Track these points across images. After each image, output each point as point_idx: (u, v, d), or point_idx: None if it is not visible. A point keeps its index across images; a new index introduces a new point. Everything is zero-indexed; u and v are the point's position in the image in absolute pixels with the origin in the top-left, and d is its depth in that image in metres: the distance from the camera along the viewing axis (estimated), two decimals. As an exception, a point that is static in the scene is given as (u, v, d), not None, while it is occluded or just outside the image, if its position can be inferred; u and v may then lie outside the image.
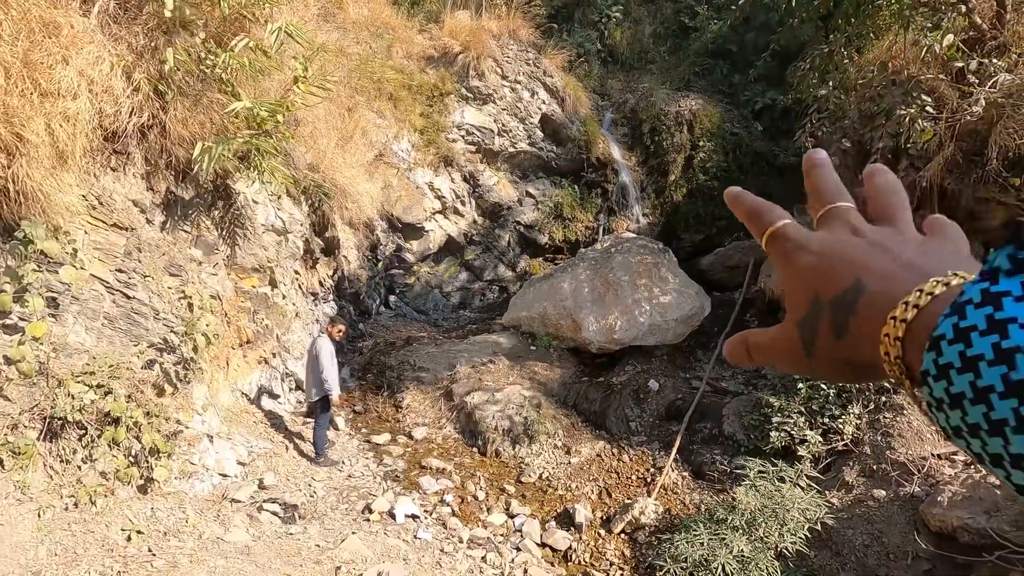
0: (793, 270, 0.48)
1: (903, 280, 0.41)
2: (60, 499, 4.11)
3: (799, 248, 0.48)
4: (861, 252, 0.45)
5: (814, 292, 0.45)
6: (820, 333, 0.44)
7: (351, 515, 5.60)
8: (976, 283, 0.34)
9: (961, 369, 0.32)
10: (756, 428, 6.90)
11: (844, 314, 0.42)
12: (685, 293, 9.11)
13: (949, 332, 0.34)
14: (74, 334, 4.76)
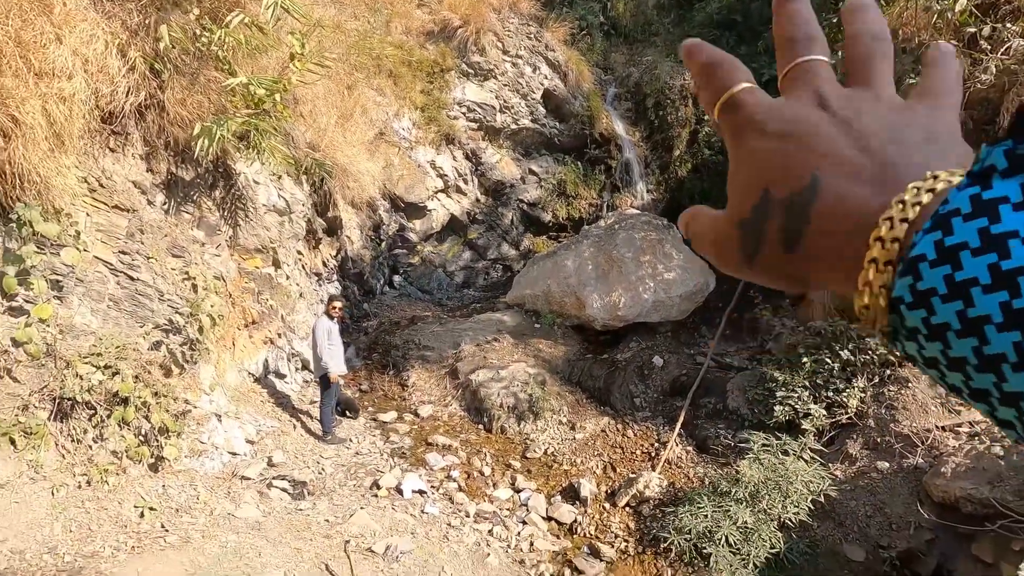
0: (742, 153, 0.39)
1: (871, 181, 0.33)
2: (73, 477, 4.18)
3: (752, 124, 0.39)
4: (823, 134, 0.36)
5: (763, 186, 0.36)
6: (766, 239, 0.36)
7: (359, 491, 5.68)
8: (963, 188, 0.28)
9: (946, 296, 0.27)
10: (760, 403, 6.92)
11: (797, 222, 0.35)
12: (689, 269, 9.06)
13: (930, 252, 0.28)
14: (80, 316, 4.79)
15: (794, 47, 0.41)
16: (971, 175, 0.28)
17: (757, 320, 8.31)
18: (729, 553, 5.00)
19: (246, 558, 4.08)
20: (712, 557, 4.97)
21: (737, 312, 8.93)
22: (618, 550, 5.57)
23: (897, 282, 0.29)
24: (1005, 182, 0.26)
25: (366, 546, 4.54)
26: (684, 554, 5.23)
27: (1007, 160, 0.27)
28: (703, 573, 5.08)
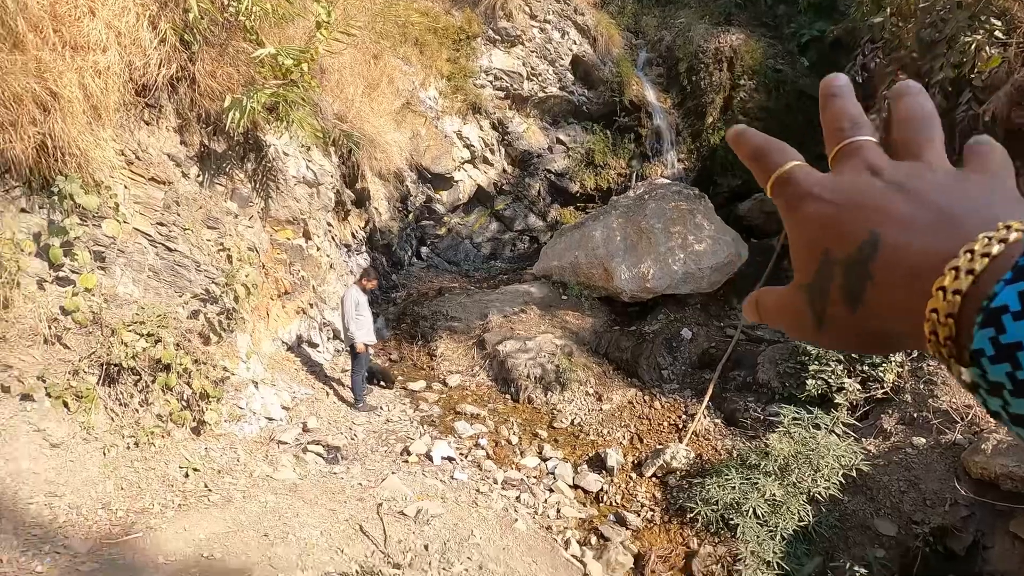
0: (799, 221, 0.39)
1: (933, 231, 0.33)
2: (122, 439, 4.40)
3: (807, 194, 0.39)
4: (877, 195, 0.36)
5: (823, 249, 0.37)
6: (831, 300, 0.36)
7: (390, 457, 5.84)
8: None
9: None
10: (792, 376, 6.81)
11: (858, 278, 0.34)
12: (721, 240, 8.86)
13: (1014, 303, 0.26)
14: (123, 286, 4.96)
15: (842, 132, 0.42)
16: None
17: (790, 292, 8.11)
18: (756, 524, 5.00)
19: (284, 517, 4.26)
20: (739, 528, 4.98)
21: (770, 284, 8.72)
22: (644, 519, 5.63)
23: (977, 334, 0.28)
24: None
25: (398, 509, 4.69)
26: (710, 524, 5.26)
27: None
28: (729, 543, 5.11)
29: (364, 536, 4.23)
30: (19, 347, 4.14)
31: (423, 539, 4.25)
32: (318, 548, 3.95)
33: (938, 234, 0.32)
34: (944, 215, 0.33)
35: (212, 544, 3.76)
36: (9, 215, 4.39)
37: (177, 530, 3.85)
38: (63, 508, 3.72)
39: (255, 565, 3.61)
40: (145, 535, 3.73)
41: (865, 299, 0.34)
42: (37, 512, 3.59)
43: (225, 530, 3.96)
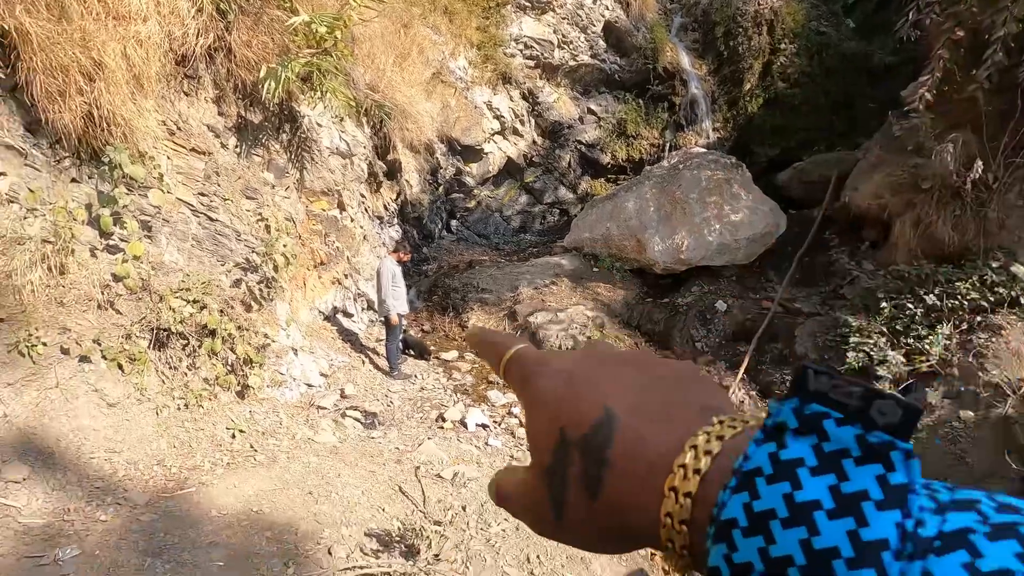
0: (532, 396, 0.37)
1: (660, 420, 0.32)
2: (172, 400, 4.59)
3: (539, 370, 0.38)
4: (607, 372, 0.35)
5: (559, 427, 0.34)
6: (570, 489, 0.33)
7: (426, 423, 5.96)
8: (761, 444, 0.27)
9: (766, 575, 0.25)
10: (831, 348, 6.66)
11: (596, 465, 0.32)
12: (758, 211, 8.63)
13: (741, 517, 0.26)
14: (168, 254, 5.11)
15: (497, 347, 0.43)
16: (765, 430, 0.27)
17: (831, 264, 7.87)
18: (793, 495, 4.96)
19: (327, 477, 4.40)
20: (775, 498, 4.95)
21: (809, 256, 8.49)
22: (677, 488, 5.64)
23: (712, 550, 0.27)
24: (798, 442, 0.26)
25: (435, 472, 4.79)
26: (745, 494, 5.23)
27: (796, 419, 0.26)
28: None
29: (403, 496, 4.35)
30: (75, 311, 4.32)
31: (461, 500, 4.35)
32: (360, 506, 4.08)
33: (665, 423, 0.32)
34: (666, 402, 0.33)
35: (260, 500, 3.91)
36: (61, 185, 4.54)
37: (227, 486, 4.02)
38: (121, 463, 3.92)
39: (301, 520, 3.76)
40: (198, 490, 3.91)
41: (604, 489, 0.32)
42: (98, 466, 3.79)
43: (272, 487, 4.11)
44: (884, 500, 0.24)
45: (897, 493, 0.24)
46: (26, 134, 4.36)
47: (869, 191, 7.67)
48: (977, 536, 0.22)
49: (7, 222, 4.19)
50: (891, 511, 0.23)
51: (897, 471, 0.24)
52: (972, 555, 0.22)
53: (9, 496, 3.29)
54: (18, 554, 2.94)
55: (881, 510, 0.24)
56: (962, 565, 0.22)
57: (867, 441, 0.25)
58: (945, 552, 0.22)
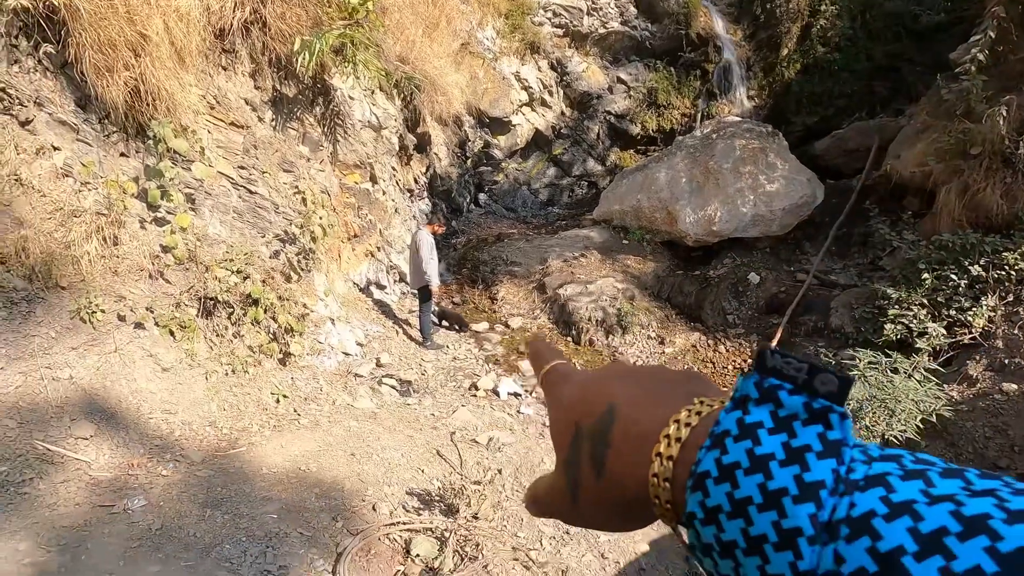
0: (555, 402, 0.45)
1: (652, 405, 0.38)
2: (220, 366, 4.80)
3: (564, 381, 0.46)
4: (614, 377, 0.43)
5: (575, 424, 0.41)
6: (583, 471, 0.40)
7: (459, 391, 6.10)
8: (729, 412, 0.32)
9: (731, 514, 0.30)
10: (868, 321, 6.54)
11: (601, 445, 0.39)
12: (795, 180, 8.41)
13: (713, 469, 0.31)
14: (212, 226, 5.28)
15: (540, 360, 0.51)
16: (734, 401, 0.33)
17: (870, 235, 7.67)
18: (826, 465, 4.95)
19: (367, 440, 4.58)
20: (808, 467, 4.95)
21: (847, 227, 8.28)
22: (708, 457, 5.68)
23: (689, 498, 0.32)
24: (759, 408, 0.31)
25: (470, 437, 4.94)
26: (777, 464, 5.25)
27: (757, 391, 0.32)
28: (796, 482, 5.10)
29: (441, 459, 4.50)
30: (129, 280, 4.52)
31: (496, 463, 4.48)
32: (400, 467, 4.24)
33: (655, 407, 0.38)
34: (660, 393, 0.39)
35: (307, 459, 4.10)
36: (111, 159, 4.71)
37: (275, 447, 4.22)
38: (177, 424, 4.14)
39: (346, 479, 3.93)
40: (248, 450, 4.12)
41: (607, 466, 0.38)
42: (156, 426, 4.01)
43: (316, 449, 4.31)
44: (823, 451, 0.29)
45: (834, 446, 0.30)
46: (77, 109, 4.52)
47: (913, 158, 7.40)
48: (892, 477, 0.28)
49: (63, 195, 4.39)
50: (828, 460, 0.29)
51: (835, 429, 0.30)
52: (887, 490, 0.27)
53: (79, 451, 3.53)
54: (92, 503, 3.17)
55: (820, 459, 0.29)
56: (879, 498, 0.27)
57: (811, 406, 0.31)
58: (867, 489, 0.28)
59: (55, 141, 4.42)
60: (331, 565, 3.00)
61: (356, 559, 3.04)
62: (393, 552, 3.24)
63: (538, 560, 3.08)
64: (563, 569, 3.06)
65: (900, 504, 0.26)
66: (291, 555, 2.99)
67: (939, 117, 7.13)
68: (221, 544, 2.97)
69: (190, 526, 3.10)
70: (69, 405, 3.73)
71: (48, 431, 3.51)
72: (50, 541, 2.75)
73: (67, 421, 3.62)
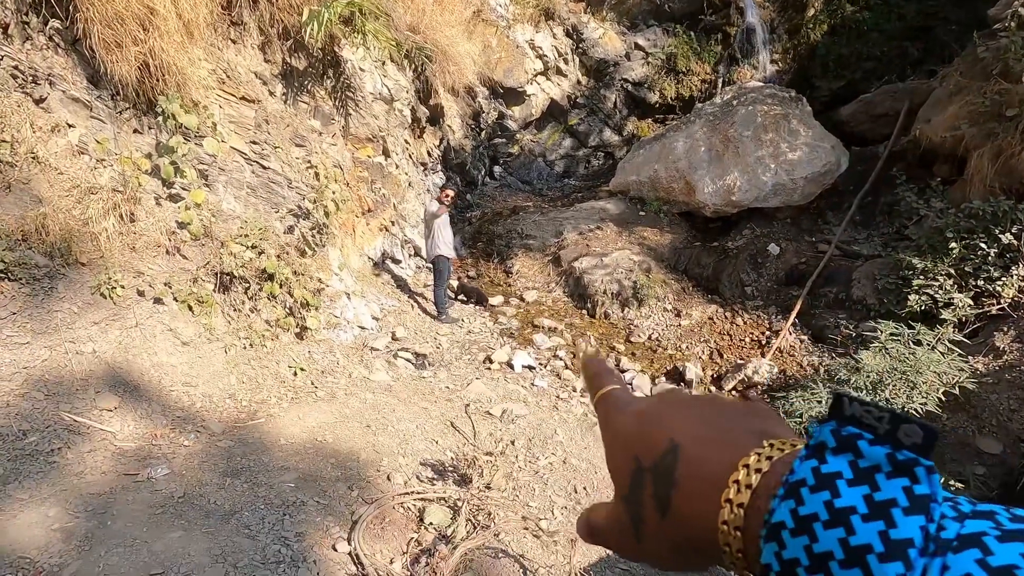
0: (612, 431, 0.43)
1: (718, 445, 0.37)
2: (239, 340, 4.89)
3: (619, 409, 0.44)
4: (674, 410, 0.41)
5: (634, 458, 0.40)
6: (646, 509, 0.38)
7: (473, 364, 6.14)
8: (804, 460, 0.31)
9: (810, 568, 0.29)
10: (891, 292, 6.38)
11: (665, 486, 0.37)
12: (819, 148, 8.14)
13: (789, 520, 0.30)
14: (226, 202, 5.31)
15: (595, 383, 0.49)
16: (808, 448, 0.31)
17: (896, 203, 7.42)
18: (843, 437, 4.90)
19: (383, 412, 4.65)
20: (824, 440, 4.90)
21: (872, 195, 8.02)
22: (723, 429, 5.66)
23: (764, 548, 0.31)
24: (836, 458, 0.30)
25: (484, 409, 4.98)
26: (793, 436, 5.20)
27: (834, 439, 0.30)
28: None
29: (455, 431, 4.56)
30: (147, 256, 4.60)
31: (510, 435, 4.52)
32: (415, 438, 4.31)
33: (721, 447, 0.36)
34: (723, 430, 0.37)
35: (324, 430, 4.19)
36: (124, 136, 4.74)
37: (292, 418, 4.32)
38: (198, 396, 4.25)
39: (361, 449, 4.01)
40: (267, 421, 4.22)
41: (673, 506, 0.36)
42: (177, 398, 4.12)
43: (333, 420, 4.39)
44: (910, 507, 0.28)
45: (921, 501, 0.28)
46: (89, 86, 4.54)
47: (944, 122, 7.09)
48: (989, 538, 0.26)
49: (80, 172, 4.45)
50: (916, 516, 0.27)
51: (921, 483, 0.28)
52: (984, 552, 0.25)
53: (104, 422, 3.64)
54: (117, 472, 3.28)
55: (908, 515, 0.27)
56: (975, 560, 0.25)
57: (895, 458, 0.29)
58: (961, 550, 0.26)
59: (69, 119, 4.46)
60: (347, 532, 3.08)
61: (371, 527, 3.12)
62: (407, 520, 3.31)
63: (548, 529, 3.13)
64: (573, 538, 3.11)
65: (1000, 570, 0.25)
66: (307, 522, 3.08)
67: (974, 78, 6.79)
68: (240, 511, 3.06)
69: (211, 494, 3.20)
70: (93, 378, 3.84)
71: (74, 403, 3.62)
72: (77, 508, 2.87)
73: (92, 393, 3.74)
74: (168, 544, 2.68)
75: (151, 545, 2.65)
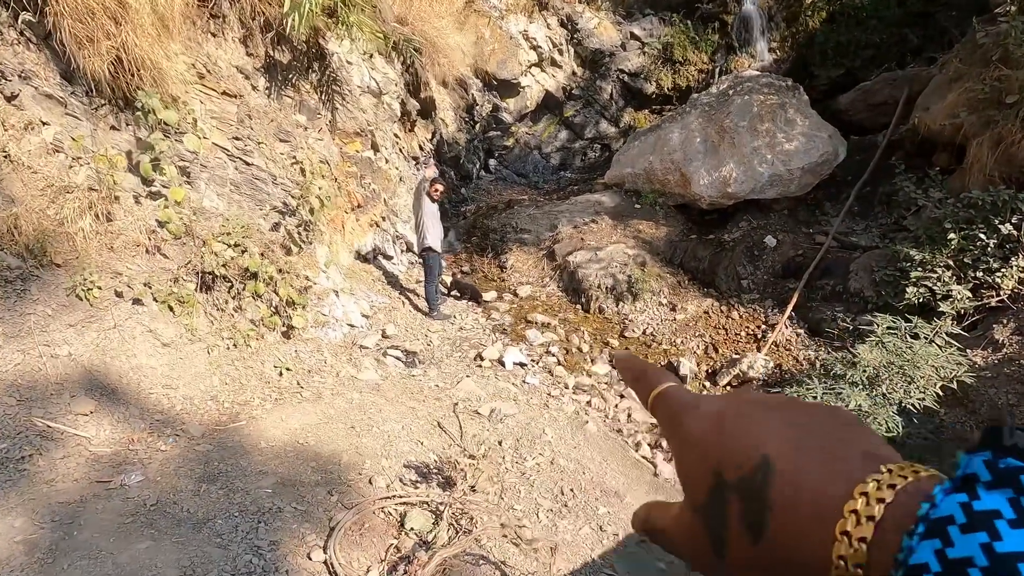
0: (683, 436, 0.38)
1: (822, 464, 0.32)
2: (222, 340, 4.80)
3: (689, 409, 0.39)
4: (760, 415, 0.36)
5: (712, 468, 0.35)
6: (731, 528, 0.34)
7: (464, 362, 6.06)
8: (950, 492, 0.26)
9: None
10: (889, 284, 6.27)
11: (757, 507, 0.32)
12: (816, 138, 8.00)
13: (933, 562, 0.25)
14: (208, 199, 5.21)
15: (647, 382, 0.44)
16: (955, 481, 0.26)
17: (894, 193, 7.29)
18: (839, 434, 4.81)
19: (369, 412, 4.57)
20: (819, 437, 4.81)
21: (870, 185, 7.89)
22: (717, 425, 5.58)
23: None
24: (991, 494, 0.25)
25: (473, 408, 4.90)
26: (788, 432, 5.12)
27: (990, 472, 0.26)
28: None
29: (442, 431, 4.47)
30: (125, 256, 4.50)
31: (497, 435, 4.44)
32: (399, 440, 4.23)
33: (827, 468, 0.31)
34: (823, 444, 0.33)
35: (306, 433, 4.11)
36: (101, 133, 4.64)
37: (275, 420, 4.24)
38: (178, 398, 4.17)
39: (343, 452, 3.93)
40: (248, 423, 4.14)
41: (766, 530, 0.32)
42: (157, 400, 4.04)
43: (316, 421, 4.31)
44: None
45: None
46: (63, 83, 4.43)
47: (943, 110, 6.94)
48: None
49: (55, 171, 4.34)
50: None
51: None
52: None
53: (79, 427, 3.57)
54: (89, 479, 3.21)
55: None
56: None
57: None
58: None
59: (43, 116, 4.36)
60: (323, 540, 3.00)
61: (349, 533, 3.04)
62: (387, 526, 3.23)
63: (526, 537, 3.05)
64: (553, 546, 3.02)
65: None
66: (283, 530, 3.00)
67: (973, 64, 6.64)
68: (214, 519, 2.99)
69: (184, 501, 3.12)
70: (69, 382, 3.76)
71: (48, 408, 3.54)
72: (44, 517, 2.79)
73: (67, 398, 3.66)
74: (134, 555, 2.61)
75: (116, 557, 2.58)
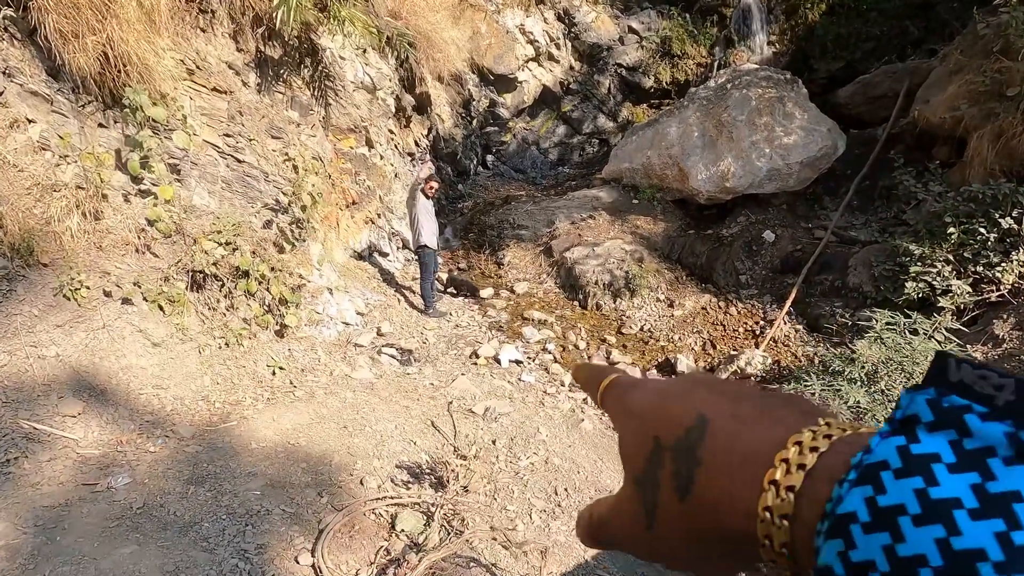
0: (626, 411, 0.38)
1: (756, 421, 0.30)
2: (214, 340, 4.75)
3: (633, 387, 0.39)
4: (703, 388, 0.35)
5: (652, 436, 0.34)
6: (662, 491, 0.32)
7: (460, 359, 6.01)
8: (887, 436, 0.24)
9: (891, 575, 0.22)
10: (888, 279, 6.20)
11: (687, 463, 0.31)
12: (815, 132, 7.92)
13: (863, 511, 0.23)
14: (198, 197, 5.15)
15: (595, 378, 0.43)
16: (892, 423, 0.25)
17: (894, 187, 7.21)
18: (837, 431, 4.76)
19: (362, 411, 4.52)
20: (817, 434, 4.77)
21: (870, 179, 7.81)
22: (714, 423, 5.53)
23: (824, 546, 0.24)
24: (932, 436, 0.24)
25: (467, 407, 4.85)
26: (786, 430, 5.07)
27: (932, 412, 0.24)
28: (805, 449, 4.93)
29: (435, 430, 4.43)
30: (114, 255, 4.45)
31: (491, 434, 4.39)
32: (392, 440, 4.19)
33: (762, 424, 0.30)
34: (765, 408, 0.31)
35: (297, 433, 4.07)
36: (89, 131, 4.57)
37: (266, 420, 4.19)
38: (168, 399, 4.12)
39: (335, 452, 3.89)
40: (239, 424, 4.09)
41: (695, 487, 0.31)
42: (147, 401, 4.00)
43: (308, 421, 4.26)
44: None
45: None
46: (49, 79, 4.37)
47: (943, 103, 6.86)
48: None
49: (41, 169, 4.29)
50: None
51: None
52: None
53: (67, 429, 3.52)
54: (76, 482, 3.16)
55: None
56: None
57: (1020, 440, 0.22)
58: None
59: (29, 113, 4.29)
60: (312, 543, 2.96)
61: (338, 536, 3.00)
62: (378, 528, 3.19)
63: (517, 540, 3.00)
64: (543, 549, 2.98)
65: None
66: (271, 533, 2.96)
67: (974, 56, 6.55)
68: (200, 523, 2.94)
69: (171, 504, 3.08)
70: (56, 383, 3.71)
71: (35, 410, 3.50)
72: (28, 522, 2.75)
73: (54, 399, 3.61)
74: (118, 561, 2.57)
75: (99, 562, 2.53)
